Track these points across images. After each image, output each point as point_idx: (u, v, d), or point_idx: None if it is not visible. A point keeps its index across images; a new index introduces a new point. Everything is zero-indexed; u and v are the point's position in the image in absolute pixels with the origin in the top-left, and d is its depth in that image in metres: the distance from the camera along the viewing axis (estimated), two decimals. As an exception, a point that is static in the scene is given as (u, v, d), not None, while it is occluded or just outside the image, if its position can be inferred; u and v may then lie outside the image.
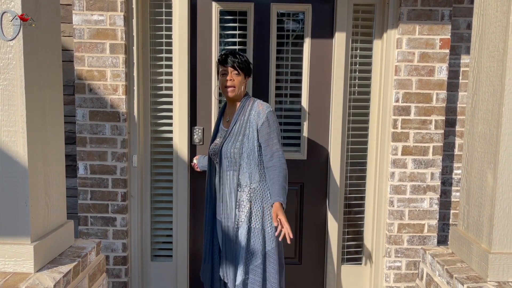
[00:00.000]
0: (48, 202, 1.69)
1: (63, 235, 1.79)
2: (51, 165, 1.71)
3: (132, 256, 2.99)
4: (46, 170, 1.68)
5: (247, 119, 2.43)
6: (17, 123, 1.53)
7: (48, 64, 1.68)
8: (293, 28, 3.02)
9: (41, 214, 1.65)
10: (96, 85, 2.81)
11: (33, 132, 1.58)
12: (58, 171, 1.78)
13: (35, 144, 1.59)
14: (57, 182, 1.77)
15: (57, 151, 1.77)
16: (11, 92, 1.52)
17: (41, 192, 1.64)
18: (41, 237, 1.64)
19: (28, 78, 1.54)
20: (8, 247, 1.56)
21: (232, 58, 2.45)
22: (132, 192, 2.95)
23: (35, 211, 1.60)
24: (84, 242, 1.91)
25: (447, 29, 2.78)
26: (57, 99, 1.76)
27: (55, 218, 1.76)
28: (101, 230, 2.90)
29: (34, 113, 1.58)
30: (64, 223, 1.83)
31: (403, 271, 2.94)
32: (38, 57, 1.60)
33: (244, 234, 2.37)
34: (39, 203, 1.63)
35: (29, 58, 1.54)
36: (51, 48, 1.70)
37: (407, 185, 2.89)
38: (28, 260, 1.56)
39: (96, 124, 2.83)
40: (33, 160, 1.58)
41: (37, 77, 1.60)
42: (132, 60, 2.86)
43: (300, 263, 3.13)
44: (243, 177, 2.40)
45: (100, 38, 2.77)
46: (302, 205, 3.08)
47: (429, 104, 2.84)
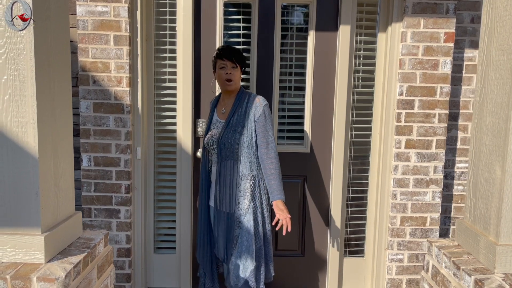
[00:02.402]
0: (57, 193, 1.69)
1: (72, 226, 1.79)
2: (60, 156, 1.71)
3: (136, 248, 3.00)
4: (55, 161, 1.67)
5: (245, 111, 2.53)
6: (27, 114, 1.53)
7: (57, 55, 1.67)
8: (297, 21, 3.02)
9: (51, 205, 1.65)
10: (100, 76, 2.79)
11: (43, 123, 1.57)
12: (67, 162, 1.77)
13: (45, 135, 1.59)
14: (66, 173, 1.77)
15: (66, 142, 1.76)
16: (22, 83, 1.51)
17: (51, 183, 1.64)
18: (51, 228, 1.64)
19: (39, 68, 1.53)
20: (19, 238, 1.56)
21: (230, 52, 2.55)
22: (135, 184, 2.95)
23: (45, 202, 1.60)
24: (92, 234, 1.91)
25: (452, 23, 2.79)
26: (65, 90, 1.75)
27: (64, 209, 1.76)
28: (105, 222, 2.90)
29: (44, 104, 1.58)
30: (72, 214, 1.83)
31: (405, 264, 2.97)
32: (48, 47, 1.59)
33: (251, 219, 2.48)
34: (49, 194, 1.63)
35: (39, 48, 1.53)
36: (60, 39, 1.69)
37: (410, 178, 2.90)
38: (38, 250, 1.56)
39: (100, 116, 2.82)
40: (44, 151, 1.58)
41: (47, 68, 1.59)
42: (136, 52, 2.85)
43: (303, 255, 3.15)
44: (245, 167, 2.50)
45: (104, 29, 2.76)
46: (305, 198, 3.09)
47: (433, 97, 2.85)
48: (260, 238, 2.53)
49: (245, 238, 2.48)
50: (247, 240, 2.48)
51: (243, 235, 2.48)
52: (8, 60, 1.51)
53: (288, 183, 3.06)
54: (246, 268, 2.47)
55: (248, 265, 2.47)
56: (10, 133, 1.53)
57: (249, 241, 2.48)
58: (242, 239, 2.48)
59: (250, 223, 2.49)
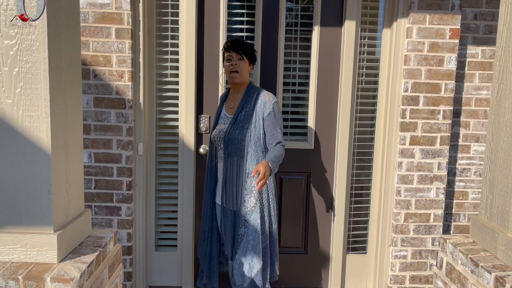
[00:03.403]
0: (68, 190, 1.63)
1: (82, 224, 1.73)
2: (71, 152, 1.65)
3: (137, 246, 2.94)
4: (67, 157, 1.61)
5: (253, 107, 2.48)
6: (40, 108, 1.47)
7: (68, 47, 1.61)
8: (302, 15, 2.98)
9: (62, 203, 1.59)
10: (101, 70, 2.72)
11: (56, 117, 1.51)
12: (77, 157, 1.71)
13: (57, 130, 1.53)
14: (77, 169, 1.71)
15: (76, 136, 1.70)
16: (34, 75, 1.45)
17: (62, 180, 1.58)
18: (63, 226, 1.58)
19: (52, 60, 1.47)
20: (30, 237, 1.50)
21: (237, 44, 2.50)
22: (137, 181, 2.89)
23: (57, 199, 1.54)
24: (102, 232, 1.85)
25: (457, 19, 2.78)
26: (76, 83, 1.69)
27: (75, 207, 1.70)
28: (106, 220, 2.84)
29: (57, 97, 1.52)
30: (83, 211, 1.77)
31: (408, 260, 2.97)
32: (60, 38, 1.53)
33: (257, 218, 2.44)
34: (61, 191, 1.57)
35: (52, 39, 1.47)
36: (71, 30, 1.62)
37: (414, 175, 2.90)
38: (51, 250, 1.50)
39: (101, 111, 2.75)
40: (56, 147, 1.52)
41: (59, 60, 1.53)
42: (138, 45, 2.78)
43: (306, 252, 3.13)
44: (251, 164, 2.45)
45: (105, 22, 2.69)
46: (309, 194, 3.07)
47: (438, 94, 2.84)
48: (266, 236, 2.49)
49: (251, 237, 2.44)
50: (254, 239, 2.44)
51: (249, 233, 2.44)
52: (19, 51, 1.44)
53: (292, 179, 3.03)
54: (252, 267, 2.43)
55: (255, 264, 2.43)
56: (22, 128, 1.47)
57: (255, 240, 2.44)
58: (248, 238, 2.44)
59: (256, 221, 2.45)
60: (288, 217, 3.08)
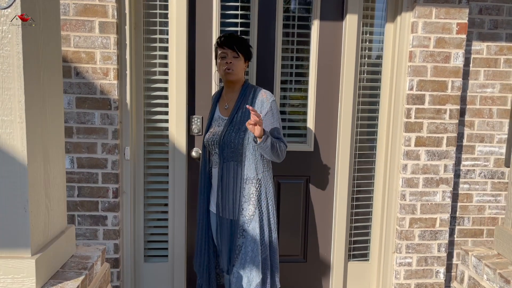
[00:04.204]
0: (48, 206, 1.42)
1: (64, 244, 1.52)
2: (51, 161, 1.43)
3: (125, 257, 2.72)
4: (46, 167, 1.40)
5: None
6: (13, 111, 1.25)
7: (47, 40, 1.39)
8: (301, 9, 2.80)
9: (41, 221, 1.37)
10: (83, 68, 2.49)
11: (32, 122, 1.30)
12: (59, 167, 1.50)
13: (34, 137, 1.31)
14: (58, 181, 1.50)
15: (57, 143, 1.49)
16: (7, 73, 1.23)
17: (41, 195, 1.37)
18: (42, 248, 1.37)
19: (27, 55, 1.26)
20: (4, 262, 1.29)
21: (232, 40, 2.31)
22: (124, 187, 2.67)
23: (35, 217, 1.33)
24: (87, 250, 1.64)
25: (465, 13, 2.63)
26: (56, 81, 1.47)
27: (56, 224, 1.48)
28: (90, 230, 2.61)
29: (33, 99, 1.30)
30: (65, 229, 1.55)
31: (413, 267, 2.82)
32: (37, 30, 1.32)
33: (256, 227, 2.26)
34: (40, 207, 1.36)
35: (27, 31, 1.26)
36: (50, 20, 1.41)
37: (420, 177, 2.75)
38: (29, 276, 1.29)
39: (84, 112, 2.52)
40: (33, 156, 1.31)
41: (36, 55, 1.32)
42: (125, 40, 2.56)
43: (305, 260, 2.95)
44: (250, 169, 2.27)
45: (88, 15, 2.46)
46: (308, 199, 2.89)
47: (444, 92, 2.69)
48: (266, 247, 2.31)
49: (250, 248, 2.25)
50: (252, 250, 2.25)
51: (248, 244, 2.26)
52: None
53: (290, 183, 2.85)
54: (251, 281, 2.25)
55: (253, 277, 2.24)
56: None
57: (254, 251, 2.25)
58: (247, 249, 2.26)
59: (255, 231, 2.26)
60: (287, 224, 2.89)
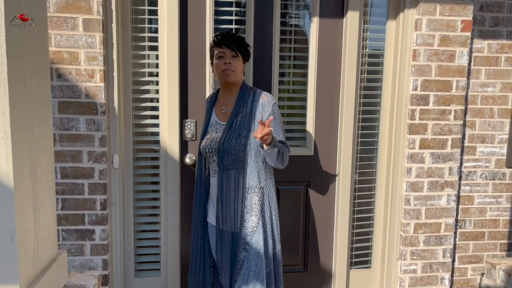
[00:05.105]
0: (38, 232, 1.23)
1: (56, 273, 1.33)
2: (40, 180, 1.24)
3: (114, 273, 2.52)
4: (34, 188, 1.21)
5: (250, 111, 2.13)
6: (-3, 124, 1.05)
7: (33, 39, 1.19)
8: (299, 5, 2.65)
9: (30, 251, 1.18)
10: (66, 70, 2.28)
11: (18, 136, 1.10)
12: (48, 186, 1.31)
13: (21, 154, 1.12)
14: (47, 201, 1.30)
15: (46, 159, 1.30)
16: (-13, 79, 1.04)
17: (29, 221, 1.17)
18: (32, 282, 1.17)
19: (11, 58, 1.06)
20: (-12, 302, 1.10)
21: (230, 38, 2.13)
22: (113, 198, 2.47)
23: (23, 248, 1.13)
24: (81, 278, 1.45)
25: (469, 10, 2.53)
26: (44, 87, 1.28)
27: (47, 252, 1.29)
28: (76, 246, 2.40)
29: (19, 110, 1.11)
30: (56, 255, 1.36)
31: (418, 274, 2.71)
32: (21, 28, 1.12)
33: (260, 240, 2.10)
34: (28, 235, 1.17)
35: (11, 29, 1.06)
36: (36, 16, 1.21)
37: (425, 181, 2.64)
38: (18, 318, 1.10)
39: (68, 118, 2.31)
40: (20, 177, 1.11)
41: (21, 58, 1.12)
42: (111, 39, 2.36)
43: (305, 270, 2.81)
44: (252, 177, 2.11)
45: (70, 11, 2.25)
46: (308, 205, 2.75)
47: (449, 92, 2.59)
48: (270, 260, 2.15)
49: (253, 263, 2.09)
50: (256, 265, 2.09)
51: (251, 258, 2.09)
52: (-36, 45, 1.02)
53: (289, 189, 2.70)
54: None
55: None
56: (-29, 153, 1.06)
57: (258, 265, 2.09)
58: (250, 264, 2.09)
59: (259, 244, 2.10)
60: (286, 232, 2.74)
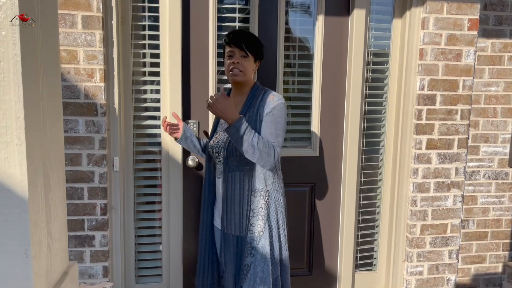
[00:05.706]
0: (50, 245, 1.14)
1: (69, 286, 1.24)
2: (52, 189, 1.15)
3: (115, 280, 2.43)
4: (47, 197, 1.12)
5: (257, 111, 2.03)
6: (10, 130, 0.96)
7: (45, 36, 1.10)
8: (304, 3, 2.58)
9: (44, 265, 1.09)
10: (65, 69, 2.18)
11: (33, 142, 1.02)
12: (60, 195, 1.22)
13: (35, 161, 1.03)
14: (59, 212, 1.21)
15: (58, 165, 1.21)
16: (1, 81, 0.95)
17: (43, 233, 1.09)
18: (46, 300, 1.09)
19: (25, 58, 0.97)
20: (1, 324, 1.01)
21: (240, 37, 2.04)
22: (113, 203, 2.38)
23: (37, 262, 1.05)
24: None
25: (476, 8, 2.50)
26: (56, 90, 1.19)
27: (59, 265, 1.20)
28: (75, 253, 2.31)
29: (33, 113, 1.02)
30: (67, 268, 1.27)
31: (425, 276, 2.68)
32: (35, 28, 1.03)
33: (266, 244, 2.03)
34: (42, 249, 1.08)
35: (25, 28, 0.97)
36: (47, 11, 1.12)
37: (431, 182, 2.61)
38: None
39: (66, 120, 2.21)
40: (34, 187, 1.02)
41: (34, 57, 1.03)
42: (112, 37, 2.26)
43: (310, 273, 2.75)
44: (258, 180, 2.03)
45: (69, 8, 2.15)
46: (313, 208, 2.69)
47: (455, 92, 2.56)
48: (277, 265, 2.09)
49: (259, 268, 2.02)
50: (263, 271, 2.02)
51: (258, 264, 2.02)
52: (-26, 45, 0.93)
53: (294, 191, 2.64)
54: None
55: None
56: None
57: (264, 271, 2.02)
58: (256, 270, 2.02)
59: (265, 249, 2.03)
60: (291, 235, 2.67)
